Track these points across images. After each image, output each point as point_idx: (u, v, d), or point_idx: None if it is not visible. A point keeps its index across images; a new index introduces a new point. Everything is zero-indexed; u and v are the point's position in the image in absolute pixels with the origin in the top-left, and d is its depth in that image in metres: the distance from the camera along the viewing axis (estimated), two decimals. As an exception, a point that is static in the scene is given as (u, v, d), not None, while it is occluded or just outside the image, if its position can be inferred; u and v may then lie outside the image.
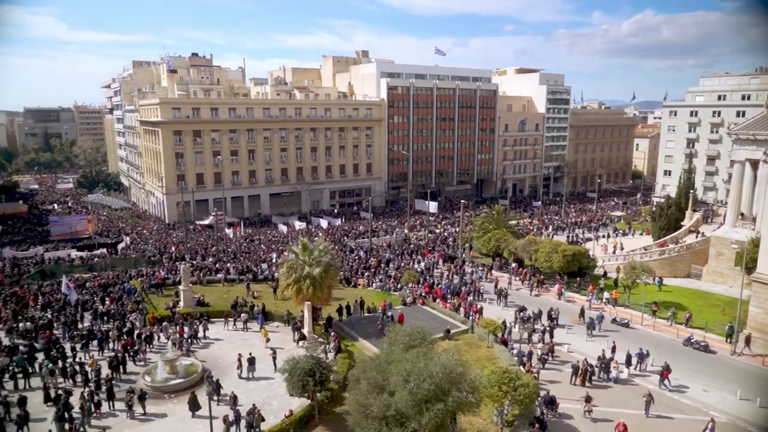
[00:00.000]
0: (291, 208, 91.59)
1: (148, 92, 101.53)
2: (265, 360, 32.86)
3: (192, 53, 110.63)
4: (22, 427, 25.99)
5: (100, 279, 49.86)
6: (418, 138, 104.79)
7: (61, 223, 77.14)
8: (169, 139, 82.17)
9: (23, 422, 26.05)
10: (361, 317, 40.96)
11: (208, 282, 49.94)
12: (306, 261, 37.40)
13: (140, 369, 32.85)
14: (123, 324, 37.97)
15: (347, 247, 63.84)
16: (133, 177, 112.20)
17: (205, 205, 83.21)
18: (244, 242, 68.24)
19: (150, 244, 67.72)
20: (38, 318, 39.55)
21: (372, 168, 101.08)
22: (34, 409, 27.37)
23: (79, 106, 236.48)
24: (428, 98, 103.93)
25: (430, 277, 51.51)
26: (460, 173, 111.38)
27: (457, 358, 21.98)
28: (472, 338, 36.77)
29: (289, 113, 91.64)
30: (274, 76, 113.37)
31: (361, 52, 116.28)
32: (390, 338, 24.97)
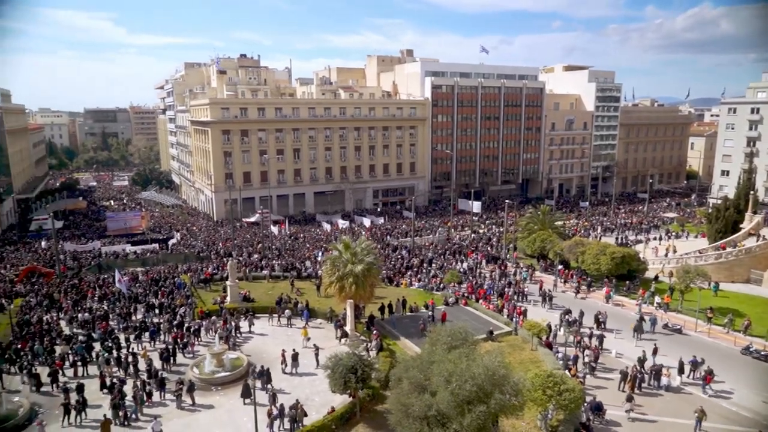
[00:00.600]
0: (335, 206, 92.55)
1: (198, 93, 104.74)
2: (308, 356, 33.37)
3: (241, 54, 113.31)
4: (81, 412, 27.36)
5: (152, 273, 51.82)
6: (462, 137, 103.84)
7: (117, 218, 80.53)
8: (217, 139, 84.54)
9: (82, 408, 27.43)
10: (403, 316, 40.99)
11: (253, 278, 51.13)
12: (349, 259, 37.73)
13: (189, 361, 34.00)
14: (173, 317, 39.35)
15: (390, 246, 63.98)
16: (184, 175, 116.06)
17: (251, 202, 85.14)
18: (289, 240, 69.44)
19: (199, 241, 69.84)
20: (95, 309, 41.48)
21: (415, 167, 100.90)
22: (91, 396, 28.76)
23: (134, 107, 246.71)
24: (473, 97, 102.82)
25: (473, 277, 50.99)
26: (505, 173, 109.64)
27: (500, 359, 21.67)
28: (515, 340, 36.20)
29: (333, 113, 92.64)
30: (319, 76, 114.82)
31: (405, 51, 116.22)
32: (432, 338, 24.91)
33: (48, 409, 28.70)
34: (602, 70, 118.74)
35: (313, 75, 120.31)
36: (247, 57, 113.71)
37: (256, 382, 30.08)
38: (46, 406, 29.00)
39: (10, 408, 28.00)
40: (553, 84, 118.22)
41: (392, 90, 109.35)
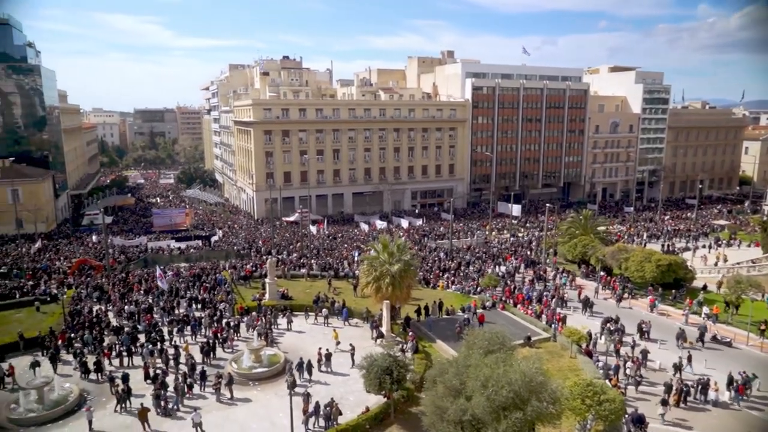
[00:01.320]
0: (373, 207, 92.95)
1: (242, 94, 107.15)
2: (344, 356, 33.61)
3: (283, 56, 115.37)
4: (125, 401, 28.41)
5: (195, 269, 53.29)
6: (502, 139, 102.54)
7: (162, 215, 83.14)
8: (260, 139, 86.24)
9: (126, 396, 28.47)
10: (440, 319, 40.78)
11: (292, 276, 51.91)
12: (386, 259, 37.82)
13: (228, 356, 34.79)
14: (214, 312, 40.35)
15: (427, 247, 63.78)
16: (227, 174, 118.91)
17: (291, 202, 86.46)
18: (327, 239, 70.14)
19: (240, 238, 71.38)
20: (141, 302, 42.97)
21: (454, 169, 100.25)
22: (135, 386, 29.77)
23: (180, 107, 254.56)
24: (514, 98, 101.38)
25: (511, 281, 50.25)
26: (546, 176, 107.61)
27: (538, 366, 21.28)
28: (554, 347, 35.48)
29: (373, 114, 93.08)
30: (359, 78, 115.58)
31: (446, 53, 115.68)
32: (468, 342, 24.68)
33: (95, 395, 29.93)
34: (650, 71, 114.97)
35: (353, 76, 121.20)
36: (290, 59, 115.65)
37: (297, 374, 30.88)
38: (94, 393, 30.26)
39: (61, 393, 29.36)
40: (597, 85, 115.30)
41: (432, 91, 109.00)
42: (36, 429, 26.78)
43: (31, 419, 27.27)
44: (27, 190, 76.43)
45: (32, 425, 26.98)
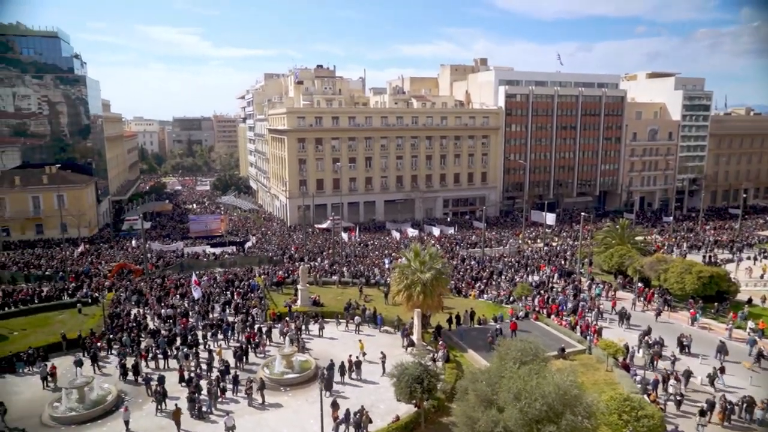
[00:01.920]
0: (404, 215, 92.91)
1: (276, 102, 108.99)
2: (374, 363, 33.56)
3: (317, 65, 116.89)
4: (161, 402, 29.04)
5: (229, 274, 54.24)
6: (536, 147, 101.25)
7: (198, 221, 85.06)
8: (293, 146, 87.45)
9: (162, 398, 29.11)
10: (471, 328, 40.36)
11: (323, 283, 52.26)
12: (417, 267, 37.70)
13: (260, 361, 35.20)
14: (247, 318, 40.94)
15: (459, 256, 63.31)
16: (261, 181, 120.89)
17: (323, 209, 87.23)
18: (359, 247, 70.42)
19: (273, 245, 72.35)
20: (177, 306, 43.96)
21: (487, 177, 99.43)
22: (171, 388, 30.44)
23: (217, 116, 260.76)
24: (548, 106, 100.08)
25: (544, 291, 49.36)
26: (581, 184, 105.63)
27: (573, 379, 20.78)
28: (589, 359, 34.62)
29: (405, 121, 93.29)
30: (392, 86, 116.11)
31: (479, 60, 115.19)
32: (500, 352, 24.32)
33: (133, 397, 30.70)
34: (690, 76, 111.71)
35: (386, 84, 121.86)
36: (323, 67, 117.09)
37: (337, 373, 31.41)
38: (131, 394, 31.05)
39: (101, 393, 30.24)
40: (635, 92, 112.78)
41: (465, 99, 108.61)
42: (76, 428, 27.63)
43: (72, 418, 28.15)
44: (72, 195, 79.41)
45: (73, 424, 27.84)
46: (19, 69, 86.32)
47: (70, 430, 27.39)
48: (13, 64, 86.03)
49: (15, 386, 32.22)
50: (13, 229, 77.14)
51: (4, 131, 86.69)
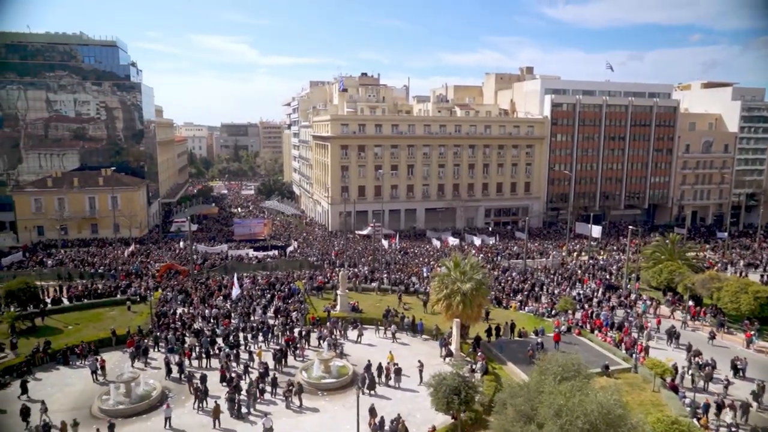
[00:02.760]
0: (445, 223, 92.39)
1: (321, 110, 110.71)
2: (412, 371, 33.42)
3: (362, 73, 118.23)
4: (203, 400, 29.78)
5: (271, 278, 55.22)
6: (582, 157, 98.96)
7: (242, 225, 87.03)
8: (336, 153, 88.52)
9: (203, 396, 29.87)
10: (511, 341, 39.66)
11: (363, 290, 52.50)
12: (457, 277, 37.39)
13: (299, 364, 35.64)
14: (287, 321, 41.54)
15: (500, 266, 62.39)
16: (304, 187, 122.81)
17: (364, 215, 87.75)
18: (399, 254, 70.43)
19: (314, 249, 73.24)
20: (220, 307, 45.06)
21: (530, 187, 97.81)
22: (212, 387, 31.20)
23: (263, 122, 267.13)
24: (596, 115, 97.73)
25: (588, 306, 48.00)
26: (629, 197, 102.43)
27: (617, 398, 20.08)
28: (634, 378, 33.41)
29: (448, 130, 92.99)
30: (436, 94, 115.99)
31: (525, 69, 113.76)
32: (541, 366, 23.79)
33: (176, 393, 31.62)
34: (749, 87, 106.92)
35: (429, 92, 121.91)
36: (368, 75, 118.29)
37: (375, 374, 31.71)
38: (174, 391, 31.98)
39: (146, 389, 31.29)
40: (689, 102, 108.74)
41: (510, 108, 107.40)
42: (123, 420, 28.65)
43: (119, 411, 29.24)
44: (125, 197, 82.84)
45: (120, 417, 28.89)
46: (81, 76, 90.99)
47: (116, 422, 28.40)
48: (75, 72, 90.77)
49: (68, 378, 33.75)
50: (71, 227, 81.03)
51: (65, 135, 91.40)
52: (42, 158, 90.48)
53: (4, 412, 28.87)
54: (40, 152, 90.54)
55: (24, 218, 79.20)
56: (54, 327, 41.82)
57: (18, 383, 31.84)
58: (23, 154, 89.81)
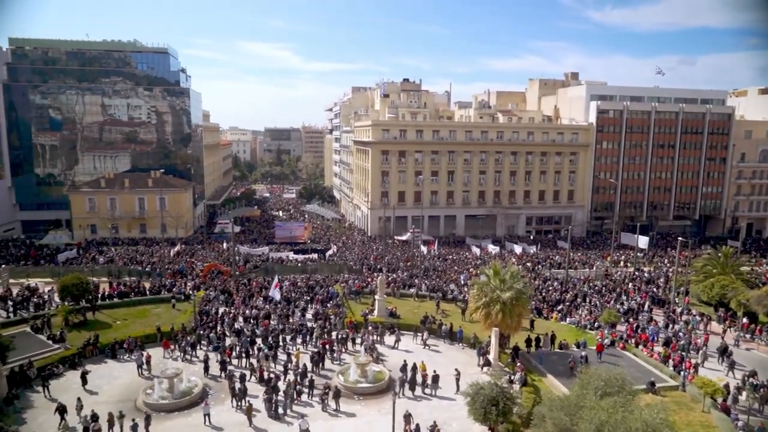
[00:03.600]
0: (485, 230, 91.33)
1: (362, 115, 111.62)
2: (448, 380, 33.08)
3: (403, 79, 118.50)
4: (241, 399, 30.31)
5: (310, 281, 55.86)
6: (629, 166, 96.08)
7: (284, 228, 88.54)
8: (377, 158, 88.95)
9: (242, 395, 30.40)
10: (551, 352, 38.73)
11: (401, 295, 52.40)
12: (497, 285, 36.85)
13: (336, 368, 35.81)
14: (325, 324, 41.88)
15: (541, 276, 61.14)
16: (344, 191, 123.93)
17: (403, 221, 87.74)
18: (437, 260, 70.02)
19: (353, 254, 73.67)
20: (260, 308, 45.86)
21: (574, 195, 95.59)
22: (250, 387, 31.73)
23: (305, 127, 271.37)
24: (644, 122, 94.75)
25: (633, 319, 46.39)
26: (679, 207, 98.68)
27: (663, 417, 19.32)
28: (682, 397, 32.03)
29: (490, 136, 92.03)
30: (478, 100, 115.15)
31: (570, 74, 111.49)
32: (582, 380, 23.14)
33: (215, 391, 32.33)
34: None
35: (471, 98, 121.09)
36: (410, 81, 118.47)
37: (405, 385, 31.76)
38: (215, 388, 32.71)
39: (188, 385, 32.13)
40: (744, 109, 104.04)
41: (553, 114, 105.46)
42: (165, 415, 29.50)
43: (162, 405, 30.12)
44: (172, 198, 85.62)
45: (162, 411, 29.76)
46: (134, 82, 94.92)
47: (159, 416, 29.28)
48: (128, 78, 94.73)
49: (115, 371, 35.04)
50: (121, 226, 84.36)
51: (118, 138, 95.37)
52: (96, 160, 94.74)
53: (59, 406, 30.05)
54: (95, 154, 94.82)
55: (79, 217, 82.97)
56: (103, 321, 43.55)
57: (69, 373, 33.44)
58: (79, 156, 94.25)
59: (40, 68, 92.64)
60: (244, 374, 32.57)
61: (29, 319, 41.73)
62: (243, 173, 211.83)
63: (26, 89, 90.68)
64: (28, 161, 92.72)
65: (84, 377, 32.37)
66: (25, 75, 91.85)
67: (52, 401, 30.34)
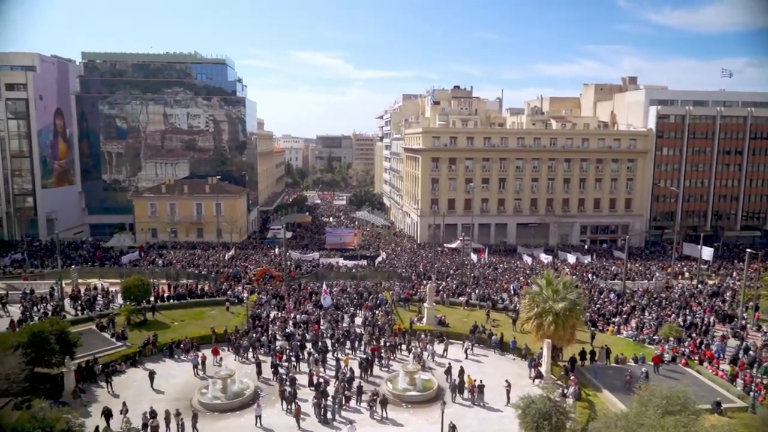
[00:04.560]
0: (537, 239, 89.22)
1: (413, 122, 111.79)
2: (498, 391, 32.41)
3: (454, 86, 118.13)
4: (291, 402, 30.76)
5: (359, 287, 56.21)
6: (691, 173, 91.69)
7: (334, 234, 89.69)
8: (427, 166, 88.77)
9: (292, 398, 30.85)
10: (607, 366, 37.26)
11: (450, 304, 51.87)
12: (549, 296, 35.90)
13: (384, 374, 35.79)
14: (374, 330, 41.98)
15: (596, 287, 59.06)
16: (394, 198, 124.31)
17: (453, 229, 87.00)
18: (488, 269, 68.95)
19: (402, 261, 73.63)
20: (311, 313, 46.52)
21: (632, 204, 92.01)
22: (300, 390, 32.15)
23: (356, 134, 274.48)
24: (708, 128, 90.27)
25: (697, 335, 43.99)
26: (747, 217, 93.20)
27: (731, 439, 18.18)
28: (752, 419, 30.04)
29: (543, 143, 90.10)
30: (530, 106, 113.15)
31: (627, 79, 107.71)
32: (641, 397, 22.13)
33: (266, 394, 32.97)
34: None
35: (523, 105, 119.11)
36: (461, 88, 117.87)
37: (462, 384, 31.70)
38: (265, 391, 33.36)
39: (240, 386, 32.93)
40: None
41: (610, 120, 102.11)
42: (218, 415, 30.33)
43: (215, 405, 31.00)
44: (227, 204, 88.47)
45: (216, 411, 30.63)
46: (193, 92, 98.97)
47: (213, 415, 30.14)
48: (188, 88, 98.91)
49: (173, 370, 36.38)
50: (180, 230, 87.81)
51: (178, 146, 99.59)
52: (158, 167, 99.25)
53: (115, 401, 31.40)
54: (157, 161, 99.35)
55: (141, 221, 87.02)
56: (162, 322, 45.38)
57: (130, 371, 35.25)
58: (142, 163, 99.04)
59: (109, 80, 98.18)
60: (294, 378, 33.07)
61: (95, 318, 44.12)
62: (295, 180, 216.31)
63: (96, 100, 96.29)
64: (96, 168, 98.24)
65: (152, 377, 33.61)
66: (95, 87, 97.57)
67: (114, 396, 31.85)
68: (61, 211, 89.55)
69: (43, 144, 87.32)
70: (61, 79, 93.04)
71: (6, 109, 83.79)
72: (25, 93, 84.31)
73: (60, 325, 34.49)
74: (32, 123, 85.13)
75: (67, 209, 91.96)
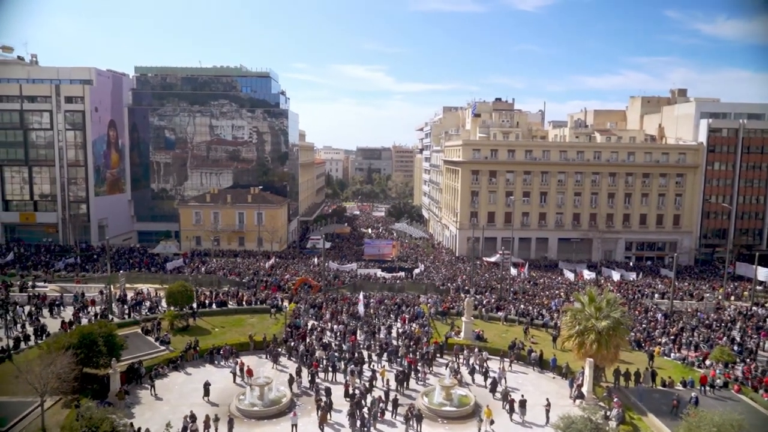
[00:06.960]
0: (580, 255, 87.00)
1: (453, 135, 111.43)
2: (537, 410, 31.59)
3: (495, 98, 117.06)
4: (327, 411, 30.82)
5: (397, 299, 56.06)
6: (745, 189, 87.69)
7: (372, 245, 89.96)
8: (467, 178, 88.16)
9: (328, 408, 30.92)
10: (653, 389, 35.81)
11: (489, 318, 51.07)
12: (592, 313, 34.86)
13: (420, 388, 35.46)
14: (410, 343, 41.71)
15: (642, 306, 57.01)
16: (433, 211, 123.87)
17: (493, 242, 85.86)
18: (528, 284, 67.64)
19: (440, 274, 73.10)
20: (348, 323, 46.67)
21: (680, 220, 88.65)
22: (336, 401, 32.20)
23: (396, 146, 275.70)
24: (764, 141, 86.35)
25: (751, 360, 41.77)
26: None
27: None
28: (811, 452, 28.22)
29: (586, 156, 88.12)
30: (574, 119, 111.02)
31: (676, 91, 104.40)
32: (690, 423, 21.21)
33: (302, 403, 33.16)
34: None
35: (566, 117, 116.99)
36: (502, 100, 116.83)
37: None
38: (302, 400, 33.56)
39: (277, 395, 33.27)
40: None
41: (657, 134, 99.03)
42: (255, 421, 30.69)
43: (253, 412, 31.41)
44: (269, 214, 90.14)
45: (253, 418, 31.02)
46: (238, 104, 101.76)
47: (250, 422, 30.51)
48: (234, 100, 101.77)
49: (212, 375, 37.02)
50: (222, 239, 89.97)
51: (222, 156, 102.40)
52: (203, 176, 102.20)
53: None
54: (202, 171, 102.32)
55: (186, 229, 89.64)
56: (204, 328, 46.45)
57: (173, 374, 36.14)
58: (189, 173, 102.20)
59: (159, 93, 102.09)
60: (329, 388, 33.16)
61: (140, 322, 45.57)
62: (335, 191, 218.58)
63: (147, 112, 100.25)
64: (145, 177, 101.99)
65: (207, 389, 33.16)
66: (146, 99, 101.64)
67: (157, 399, 32.71)
68: (112, 218, 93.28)
69: (97, 154, 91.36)
70: (115, 92, 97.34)
71: (65, 120, 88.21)
72: (81, 105, 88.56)
73: (108, 328, 35.73)
74: (88, 134, 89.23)
75: (117, 216, 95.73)
